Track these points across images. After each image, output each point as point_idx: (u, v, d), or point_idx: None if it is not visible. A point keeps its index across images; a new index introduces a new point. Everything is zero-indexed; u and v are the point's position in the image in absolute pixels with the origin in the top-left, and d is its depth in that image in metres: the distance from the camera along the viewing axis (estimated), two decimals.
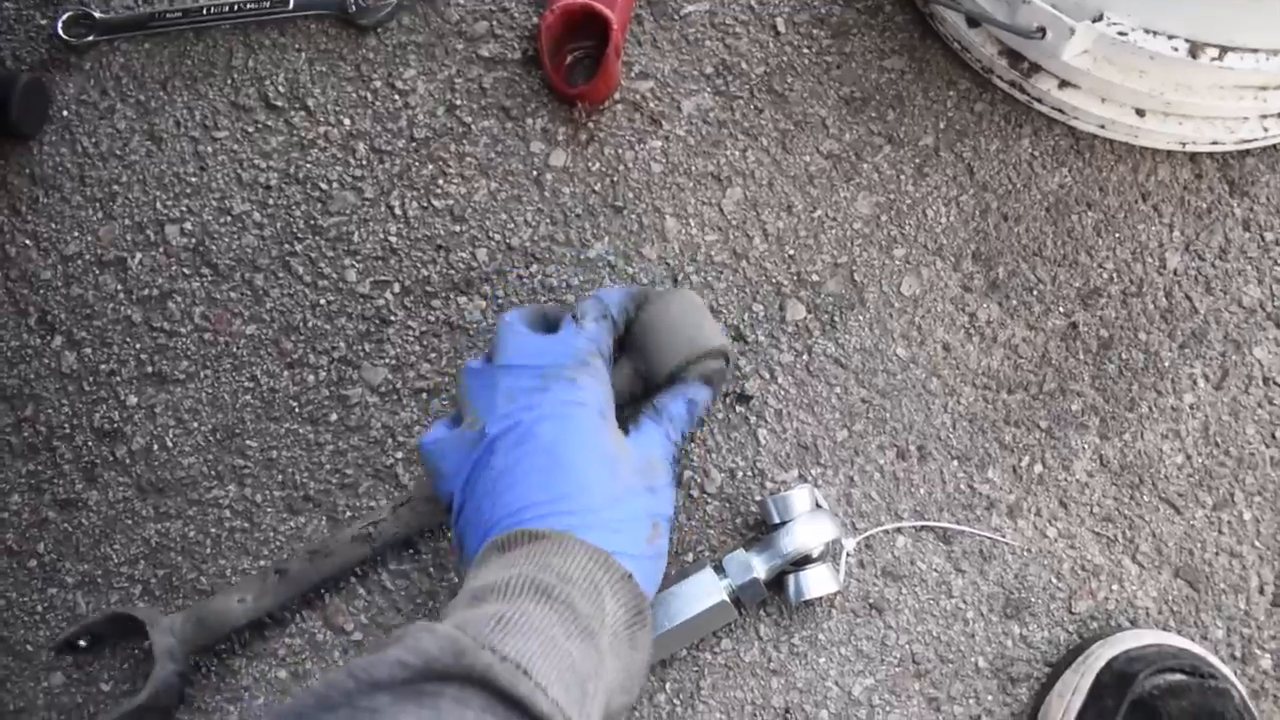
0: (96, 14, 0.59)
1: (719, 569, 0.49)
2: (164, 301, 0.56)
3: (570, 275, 0.55)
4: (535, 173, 0.56)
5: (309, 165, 0.57)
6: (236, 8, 0.59)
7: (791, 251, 0.55)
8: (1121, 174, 0.56)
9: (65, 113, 0.59)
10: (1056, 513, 0.53)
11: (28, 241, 0.58)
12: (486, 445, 0.41)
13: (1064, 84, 0.55)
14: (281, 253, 0.56)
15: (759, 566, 0.49)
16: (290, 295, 0.56)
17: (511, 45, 0.58)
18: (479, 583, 0.37)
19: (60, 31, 0.59)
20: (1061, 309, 0.55)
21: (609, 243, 0.56)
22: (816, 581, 0.49)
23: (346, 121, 0.58)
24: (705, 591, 0.49)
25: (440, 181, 0.57)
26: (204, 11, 0.59)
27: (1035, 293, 0.55)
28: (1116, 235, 0.56)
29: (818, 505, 0.50)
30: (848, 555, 0.51)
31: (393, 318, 0.55)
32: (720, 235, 0.56)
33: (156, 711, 0.51)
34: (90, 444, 0.55)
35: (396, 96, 0.58)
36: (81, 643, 0.51)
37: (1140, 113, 0.55)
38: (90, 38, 0.59)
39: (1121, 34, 0.50)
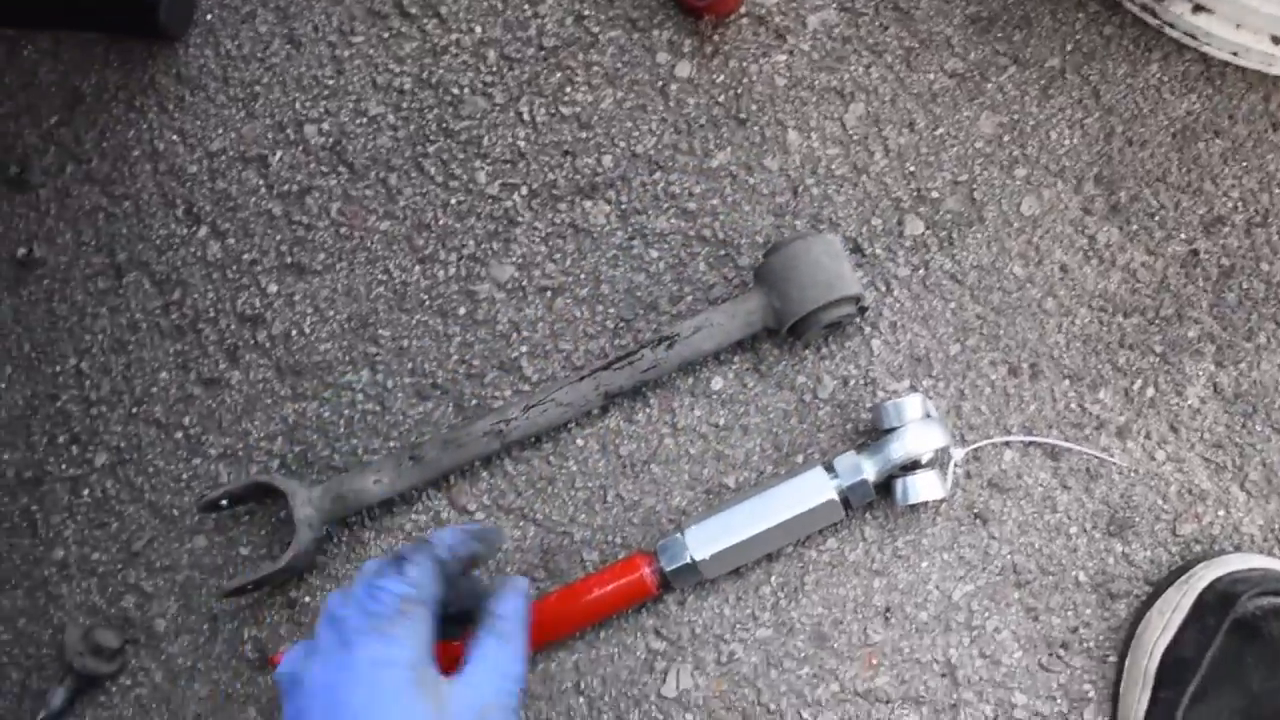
0: None
1: (829, 469, 0.51)
2: (302, 197, 0.59)
3: (692, 183, 0.57)
4: (660, 83, 0.58)
5: (441, 71, 0.59)
6: None
7: (912, 168, 0.56)
8: (1252, 103, 0.56)
9: (209, 16, 0.62)
10: (1166, 436, 0.53)
11: (175, 137, 0.61)
12: (306, 702, 0.40)
13: (1198, 8, 0.54)
14: (414, 154, 0.59)
15: (869, 468, 0.51)
16: (422, 194, 0.58)
17: None
18: None
19: None
20: (1183, 235, 0.55)
21: (731, 153, 0.57)
22: (924, 486, 0.51)
23: (478, 29, 0.59)
24: (814, 489, 0.51)
25: (568, 89, 0.58)
26: None
27: (1157, 218, 0.55)
28: (1244, 164, 0.55)
29: (929, 415, 0.52)
30: (955, 465, 0.53)
31: (520, 219, 0.57)
32: (841, 150, 0.57)
33: (293, 573, 0.55)
34: (233, 327, 0.58)
35: (526, 6, 0.59)
36: (223, 503, 0.55)
37: (1276, 40, 0.54)
38: None
39: None
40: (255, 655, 0.55)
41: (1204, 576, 0.50)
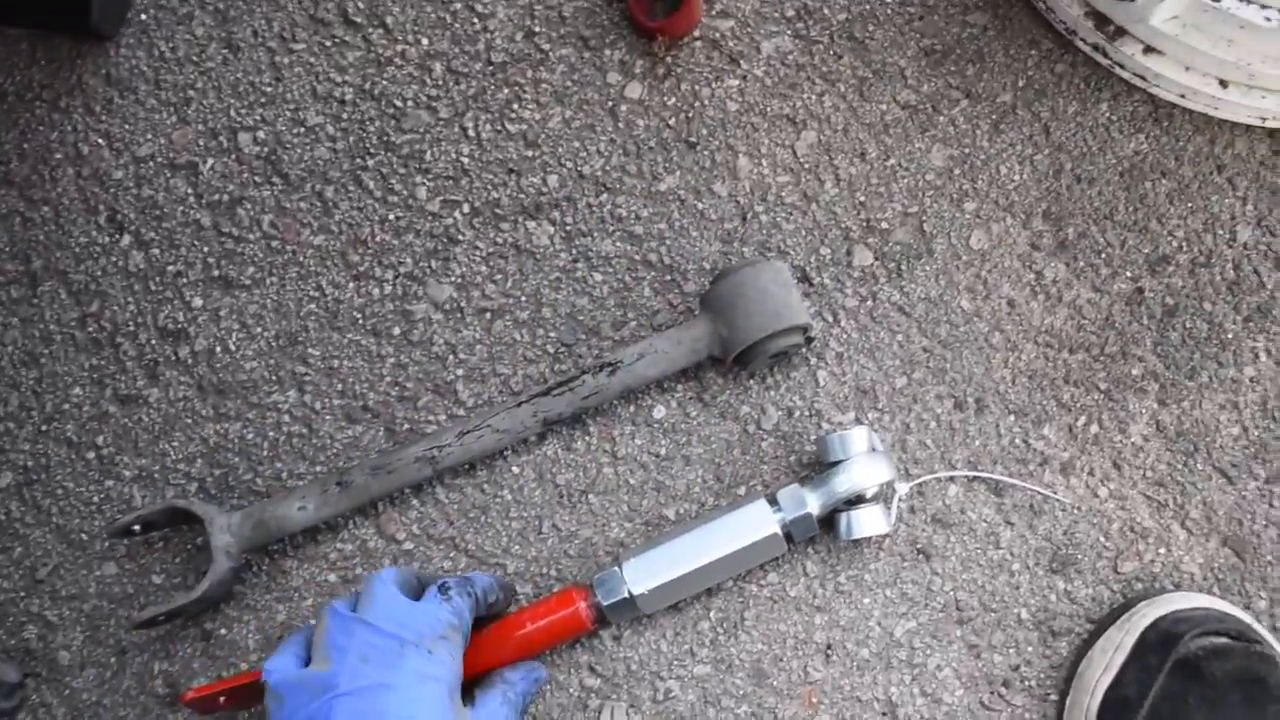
0: None
1: (772, 502, 0.50)
2: (233, 208, 0.57)
3: (639, 207, 0.56)
4: (610, 104, 0.57)
5: (385, 82, 0.57)
6: None
7: (862, 198, 0.55)
8: (1198, 145, 0.56)
9: (144, 16, 0.59)
10: (1109, 474, 0.53)
11: (100, 141, 0.58)
12: (329, 700, 0.41)
13: (1148, 50, 0.55)
14: (353, 167, 0.57)
15: (812, 502, 0.49)
16: (360, 209, 0.56)
17: None
18: None
19: None
20: (1129, 273, 0.55)
21: (680, 177, 0.56)
22: (868, 521, 0.50)
23: (424, 41, 0.58)
24: (757, 523, 0.49)
25: (515, 106, 0.57)
26: None
27: (1103, 255, 0.55)
28: (1189, 205, 0.55)
29: (874, 448, 0.51)
30: (900, 499, 0.52)
31: (461, 237, 0.56)
32: (792, 177, 0.56)
33: (209, 604, 0.52)
34: (154, 342, 0.56)
35: (476, 19, 0.58)
36: (135, 528, 0.52)
37: (1224, 84, 0.54)
38: None
39: (1214, 0, 0.49)
40: (166, 690, 0.52)
41: (1146, 615, 0.50)
